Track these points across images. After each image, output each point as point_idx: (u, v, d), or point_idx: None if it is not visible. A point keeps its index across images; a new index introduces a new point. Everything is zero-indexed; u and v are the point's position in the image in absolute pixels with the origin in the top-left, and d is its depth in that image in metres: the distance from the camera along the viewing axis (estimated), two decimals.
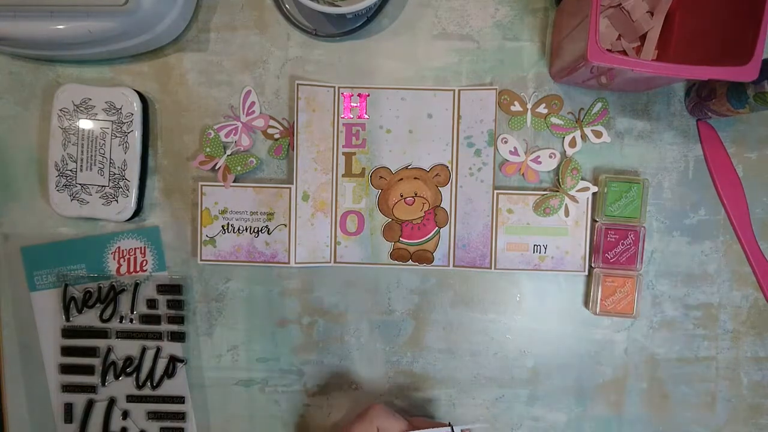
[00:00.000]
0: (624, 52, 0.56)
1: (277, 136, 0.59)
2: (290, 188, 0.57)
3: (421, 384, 0.60)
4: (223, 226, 0.58)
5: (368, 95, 0.58)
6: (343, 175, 0.58)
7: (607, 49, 0.45)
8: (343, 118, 0.58)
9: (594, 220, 0.58)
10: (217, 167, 0.58)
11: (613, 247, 0.57)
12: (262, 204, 0.58)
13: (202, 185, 0.58)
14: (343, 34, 0.57)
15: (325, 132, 0.58)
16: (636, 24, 0.55)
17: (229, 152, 0.58)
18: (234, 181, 0.58)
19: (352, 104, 0.58)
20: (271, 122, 0.58)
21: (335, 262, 0.59)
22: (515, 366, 0.60)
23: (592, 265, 0.58)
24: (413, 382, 0.60)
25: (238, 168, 0.58)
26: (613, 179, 0.57)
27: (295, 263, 0.58)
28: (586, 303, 0.59)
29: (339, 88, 0.58)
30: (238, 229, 0.58)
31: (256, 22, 0.58)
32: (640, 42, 0.56)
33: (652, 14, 0.55)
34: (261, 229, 0.58)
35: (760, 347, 0.59)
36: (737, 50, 0.45)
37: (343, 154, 0.58)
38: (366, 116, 0.58)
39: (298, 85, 0.57)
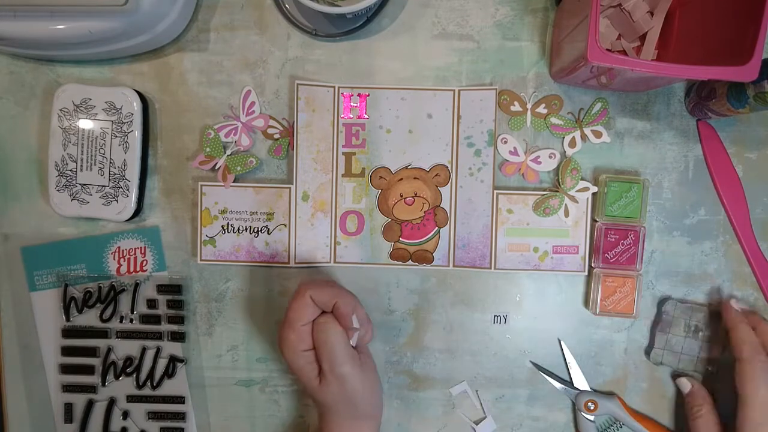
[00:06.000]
0: (624, 52, 0.56)
1: (276, 136, 0.59)
2: (290, 188, 0.57)
3: (420, 384, 0.60)
4: (222, 226, 0.58)
5: (368, 95, 0.58)
6: (342, 175, 0.58)
7: (607, 49, 0.45)
8: (343, 118, 0.58)
9: (594, 220, 0.58)
10: (217, 167, 0.58)
11: (613, 247, 0.57)
12: (261, 204, 0.58)
13: (201, 185, 0.58)
14: (343, 34, 0.57)
15: (324, 132, 0.58)
16: (636, 24, 0.55)
17: (229, 152, 0.58)
18: (234, 181, 0.58)
19: (351, 104, 0.58)
20: (271, 122, 0.58)
21: (335, 262, 0.59)
22: (515, 366, 0.60)
23: (592, 265, 0.58)
24: (413, 382, 0.60)
25: (238, 168, 0.58)
26: (613, 179, 0.57)
27: (295, 263, 0.58)
28: (586, 303, 0.59)
29: (339, 88, 0.58)
30: (238, 229, 0.58)
31: (256, 22, 0.58)
32: (640, 42, 0.56)
33: (652, 14, 0.55)
34: (261, 229, 0.58)
35: None
36: (737, 50, 0.45)
37: (343, 154, 0.58)
38: (366, 116, 0.58)
39: (298, 85, 0.57)
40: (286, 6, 0.57)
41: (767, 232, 0.58)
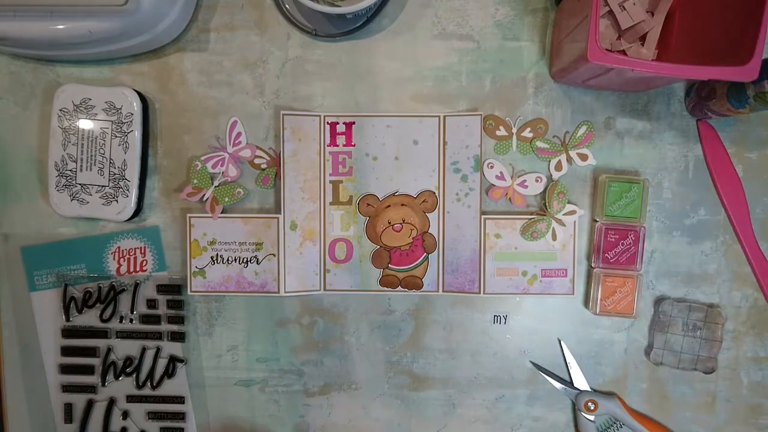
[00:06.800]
0: (624, 52, 0.56)
1: (264, 166, 0.59)
2: (278, 218, 0.57)
3: (421, 384, 0.60)
4: (212, 257, 0.58)
5: (353, 123, 0.58)
6: (330, 203, 0.58)
7: (607, 49, 0.45)
8: (330, 146, 0.58)
9: (594, 220, 0.58)
10: (204, 198, 0.58)
11: (613, 247, 0.57)
12: (250, 234, 0.58)
13: (190, 217, 0.58)
14: (343, 34, 0.57)
15: (311, 161, 0.58)
16: (636, 24, 0.55)
17: (216, 183, 0.58)
18: (222, 212, 0.58)
19: (337, 132, 0.58)
20: (258, 152, 0.58)
21: (325, 290, 0.59)
22: (515, 366, 0.60)
23: (592, 265, 0.58)
24: (413, 382, 0.60)
25: (226, 199, 0.58)
26: (613, 179, 0.57)
27: (285, 292, 0.58)
28: (586, 303, 0.59)
29: (324, 117, 0.58)
30: (227, 259, 0.58)
31: (256, 22, 0.58)
32: (640, 42, 0.56)
33: (652, 14, 0.55)
34: (250, 260, 0.58)
35: (760, 347, 0.59)
36: (737, 50, 0.45)
37: (330, 182, 0.58)
38: (352, 144, 0.58)
39: (283, 115, 0.57)
40: (286, 6, 0.57)
41: (767, 232, 0.58)
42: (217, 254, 0.58)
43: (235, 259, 0.58)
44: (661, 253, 0.59)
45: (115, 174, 0.57)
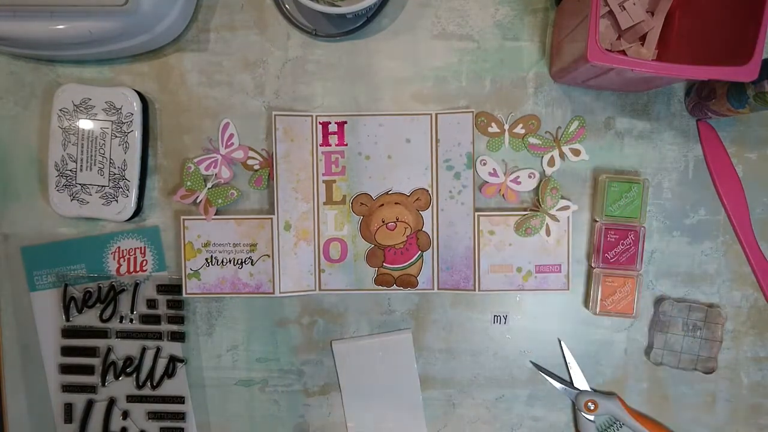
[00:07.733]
0: (624, 52, 0.56)
1: (256, 167, 0.59)
2: (272, 218, 0.57)
3: (421, 384, 0.60)
4: (206, 259, 0.58)
5: (345, 122, 0.58)
6: (324, 203, 0.58)
7: (607, 49, 0.45)
8: (322, 146, 0.58)
9: (594, 220, 0.58)
10: (198, 200, 0.58)
11: (613, 247, 0.57)
12: (244, 235, 0.58)
13: (183, 219, 0.58)
14: (343, 34, 0.57)
15: (304, 161, 0.58)
16: (636, 24, 0.55)
17: (209, 185, 0.58)
18: (216, 214, 0.58)
19: (329, 132, 0.58)
20: (251, 153, 0.58)
21: (320, 290, 0.59)
22: (515, 366, 0.60)
23: (592, 265, 0.58)
24: None
25: (220, 201, 0.58)
26: (613, 179, 0.57)
27: (280, 293, 0.58)
28: (586, 303, 0.59)
29: (316, 116, 0.58)
30: (222, 261, 0.58)
31: (256, 22, 0.58)
32: (640, 42, 0.56)
33: (652, 14, 0.55)
34: (245, 261, 0.58)
35: (760, 347, 0.59)
36: (737, 50, 0.45)
37: (324, 182, 0.58)
38: (344, 143, 0.58)
39: (275, 116, 0.57)
40: (286, 6, 0.57)
41: (767, 232, 0.58)
42: (211, 256, 0.58)
43: (230, 261, 0.58)
44: (661, 253, 0.59)
45: (115, 174, 0.57)
